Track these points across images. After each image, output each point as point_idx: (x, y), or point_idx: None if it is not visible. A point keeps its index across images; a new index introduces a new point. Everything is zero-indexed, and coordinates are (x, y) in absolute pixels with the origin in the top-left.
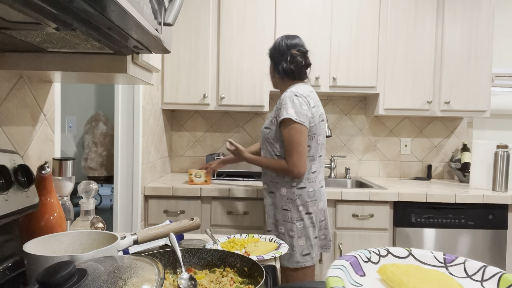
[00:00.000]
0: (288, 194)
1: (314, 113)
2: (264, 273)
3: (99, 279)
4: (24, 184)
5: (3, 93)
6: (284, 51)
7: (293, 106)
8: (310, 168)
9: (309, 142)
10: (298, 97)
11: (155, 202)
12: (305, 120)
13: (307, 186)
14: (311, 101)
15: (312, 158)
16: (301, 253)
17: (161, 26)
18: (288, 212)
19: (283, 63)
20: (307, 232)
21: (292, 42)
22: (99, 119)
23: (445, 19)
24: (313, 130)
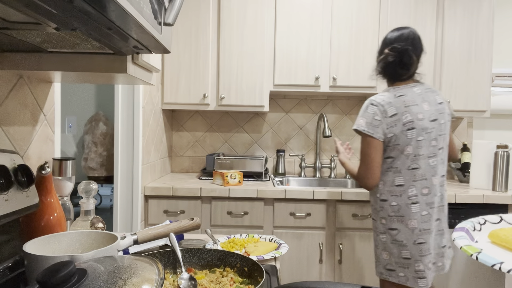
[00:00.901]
0: (374, 203)
1: (393, 123)
2: (264, 273)
3: (99, 279)
4: (24, 184)
5: (3, 93)
6: (380, 51)
7: (364, 115)
8: (394, 180)
9: (390, 153)
10: (374, 106)
11: (155, 202)
12: (374, 132)
13: (389, 199)
14: (390, 110)
15: (396, 169)
16: (385, 267)
17: (161, 26)
18: (374, 222)
19: (378, 63)
20: (391, 248)
21: (392, 37)
22: (99, 119)
23: (445, 19)
24: (393, 140)
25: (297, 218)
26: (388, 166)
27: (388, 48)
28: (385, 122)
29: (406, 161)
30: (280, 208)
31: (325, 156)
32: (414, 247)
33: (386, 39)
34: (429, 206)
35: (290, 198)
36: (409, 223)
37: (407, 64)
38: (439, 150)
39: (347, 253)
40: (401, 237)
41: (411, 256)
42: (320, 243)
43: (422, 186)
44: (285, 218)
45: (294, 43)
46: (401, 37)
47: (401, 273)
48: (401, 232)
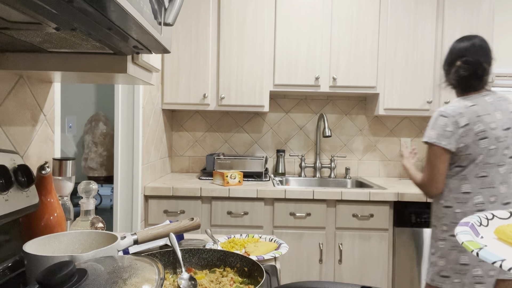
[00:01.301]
0: (436, 210)
1: (464, 133)
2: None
3: (99, 279)
4: (24, 184)
5: (3, 93)
6: (450, 61)
7: (434, 127)
8: (460, 187)
9: (461, 162)
10: (444, 117)
11: (155, 202)
12: (447, 143)
13: (454, 206)
14: (461, 120)
15: (464, 177)
16: (439, 273)
17: (161, 26)
18: (434, 228)
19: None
20: (449, 254)
21: (463, 47)
22: (99, 119)
23: (445, 19)
24: (464, 150)
25: (297, 218)
26: (456, 173)
27: (461, 60)
28: (457, 133)
29: (475, 169)
30: (280, 208)
31: (325, 156)
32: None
33: (455, 50)
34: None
35: (290, 198)
36: None
37: (481, 76)
38: (510, 159)
39: (347, 253)
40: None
41: (469, 262)
42: (320, 243)
43: (490, 194)
44: (285, 218)
45: (294, 43)
46: (473, 47)
47: (457, 279)
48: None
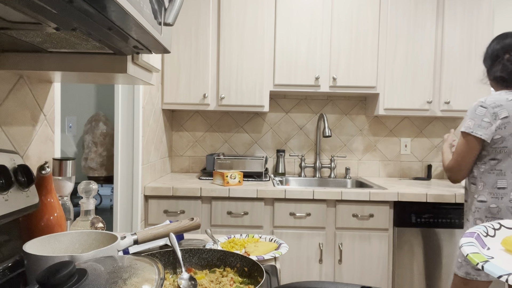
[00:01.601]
0: (469, 205)
1: (502, 125)
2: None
3: (99, 279)
4: (24, 184)
5: (3, 93)
6: (495, 56)
7: (473, 117)
8: (496, 182)
9: (496, 155)
10: (484, 107)
11: (155, 202)
12: (483, 133)
13: (488, 201)
14: (501, 112)
15: (500, 172)
16: (474, 267)
17: (161, 26)
18: (468, 223)
19: (495, 69)
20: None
21: (505, 43)
22: (99, 119)
23: (445, 19)
24: (499, 142)
25: (297, 218)
26: (491, 167)
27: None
28: (495, 124)
29: (511, 163)
30: (280, 208)
31: (325, 156)
32: None
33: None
34: None
35: (290, 198)
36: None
37: None
38: None
39: (347, 253)
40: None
41: None
42: (320, 243)
43: None
44: (285, 218)
45: (294, 43)
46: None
47: None
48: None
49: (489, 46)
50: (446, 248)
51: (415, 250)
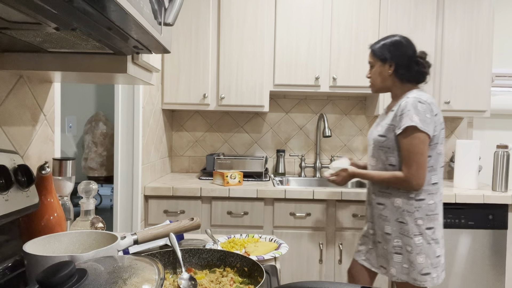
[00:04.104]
0: (405, 206)
1: (436, 122)
2: (264, 273)
3: (99, 279)
4: (24, 184)
5: (3, 93)
6: (409, 53)
7: (417, 113)
8: (430, 179)
9: (430, 152)
10: (422, 103)
11: (155, 202)
12: (429, 129)
13: (426, 198)
14: (434, 109)
15: (432, 168)
16: (420, 272)
17: (161, 26)
18: (405, 225)
19: (412, 66)
20: (427, 248)
21: (412, 43)
22: (99, 119)
23: (445, 19)
24: (434, 139)
25: (297, 218)
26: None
27: (420, 54)
28: (433, 121)
29: (438, 159)
30: (280, 208)
31: (325, 156)
32: (441, 242)
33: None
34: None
35: (290, 198)
36: (439, 219)
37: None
38: None
39: (347, 253)
40: (437, 235)
41: (441, 254)
42: (320, 243)
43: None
44: (285, 218)
45: (294, 43)
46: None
47: (434, 274)
48: (437, 230)
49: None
50: (446, 247)
51: None
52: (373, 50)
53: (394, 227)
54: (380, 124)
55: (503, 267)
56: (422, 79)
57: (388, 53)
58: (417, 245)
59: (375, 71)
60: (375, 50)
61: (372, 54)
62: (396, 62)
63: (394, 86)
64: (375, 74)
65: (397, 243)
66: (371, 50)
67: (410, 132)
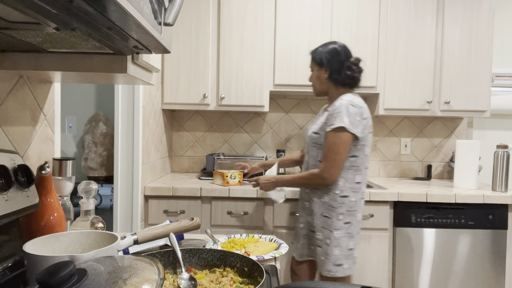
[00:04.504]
0: (331, 201)
1: (365, 125)
2: (264, 273)
3: (99, 279)
4: (24, 184)
5: (3, 93)
6: (343, 59)
7: (348, 115)
8: (355, 178)
9: (357, 153)
10: (354, 106)
11: (155, 202)
12: (357, 131)
13: (350, 196)
14: (364, 113)
15: (357, 168)
16: (334, 263)
17: (161, 26)
18: (328, 219)
19: (345, 71)
20: (343, 242)
21: (348, 50)
22: (99, 119)
23: (445, 19)
24: (362, 141)
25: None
26: (351, 164)
27: (353, 59)
28: (362, 124)
29: (364, 160)
30: (280, 208)
31: None
32: (356, 237)
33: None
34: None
35: (290, 198)
36: (358, 215)
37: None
38: None
39: None
40: (353, 230)
41: (354, 247)
42: None
43: (366, 183)
44: (285, 218)
45: (294, 43)
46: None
47: (346, 265)
48: (353, 225)
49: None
50: (446, 247)
51: (415, 250)
52: (312, 56)
53: (319, 221)
54: (315, 123)
55: (503, 267)
56: (354, 83)
57: (324, 59)
58: (335, 238)
59: (313, 75)
60: (314, 56)
61: (312, 59)
62: (330, 67)
63: (330, 89)
64: (314, 78)
65: (319, 236)
66: (311, 55)
67: (337, 132)
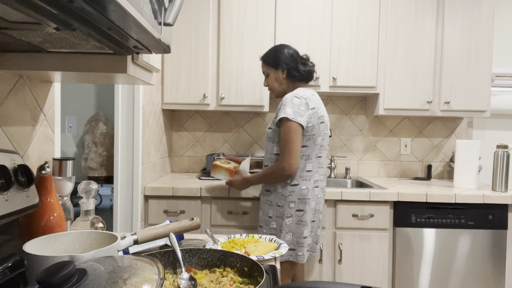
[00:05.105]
0: (282, 191)
1: (312, 114)
2: (264, 273)
3: (99, 279)
4: (24, 184)
5: (3, 93)
6: (295, 57)
7: (292, 106)
8: (305, 166)
9: (305, 142)
10: (298, 98)
11: (155, 202)
12: (301, 120)
13: (300, 184)
14: (310, 103)
15: (307, 157)
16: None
17: (161, 26)
18: (281, 208)
19: (300, 67)
20: (295, 228)
21: (295, 48)
22: (99, 119)
23: (445, 19)
24: (309, 130)
25: None
26: (302, 153)
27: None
28: (307, 113)
29: (315, 149)
30: None
31: None
32: (310, 225)
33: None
34: (322, 190)
35: None
36: (311, 203)
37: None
38: (327, 146)
39: (347, 253)
40: (306, 218)
41: (308, 235)
42: (320, 243)
43: (321, 173)
44: None
45: (294, 43)
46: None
47: (300, 252)
48: (307, 213)
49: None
50: (446, 248)
51: (415, 250)
52: (265, 61)
53: (274, 211)
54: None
55: (503, 267)
56: (310, 77)
57: (279, 61)
58: (287, 225)
59: (271, 78)
60: (267, 60)
61: (265, 64)
62: (287, 66)
63: (288, 87)
64: (272, 81)
65: (273, 225)
66: (263, 61)
67: (283, 123)
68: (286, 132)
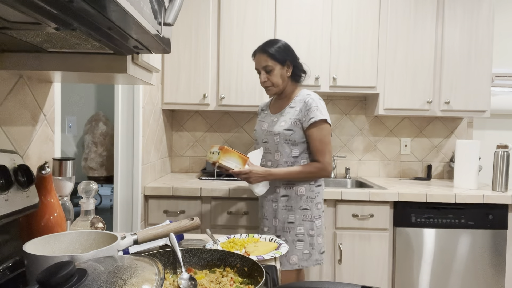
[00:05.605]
0: (308, 192)
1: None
2: (264, 273)
3: (99, 279)
4: (24, 184)
5: (3, 93)
6: (297, 56)
7: (323, 108)
8: None
9: None
10: (321, 100)
11: (155, 202)
12: (331, 122)
13: (322, 184)
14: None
15: None
16: (320, 251)
17: (161, 26)
18: (308, 211)
19: (300, 67)
20: (323, 230)
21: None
22: (99, 119)
23: (445, 19)
24: None
25: None
26: None
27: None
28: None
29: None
30: None
31: None
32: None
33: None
34: None
35: None
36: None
37: None
38: None
39: (347, 253)
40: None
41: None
42: None
43: None
44: None
45: (294, 43)
46: None
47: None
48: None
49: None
50: (446, 248)
51: (415, 250)
52: (272, 55)
53: (298, 215)
54: (281, 120)
55: (503, 267)
56: (302, 79)
57: (286, 56)
58: (318, 227)
59: (276, 74)
60: (274, 53)
61: (270, 58)
62: (293, 64)
63: (288, 86)
64: (277, 77)
65: (299, 230)
66: (269, 54)
67: (319, 124)
68: (324, 133)
